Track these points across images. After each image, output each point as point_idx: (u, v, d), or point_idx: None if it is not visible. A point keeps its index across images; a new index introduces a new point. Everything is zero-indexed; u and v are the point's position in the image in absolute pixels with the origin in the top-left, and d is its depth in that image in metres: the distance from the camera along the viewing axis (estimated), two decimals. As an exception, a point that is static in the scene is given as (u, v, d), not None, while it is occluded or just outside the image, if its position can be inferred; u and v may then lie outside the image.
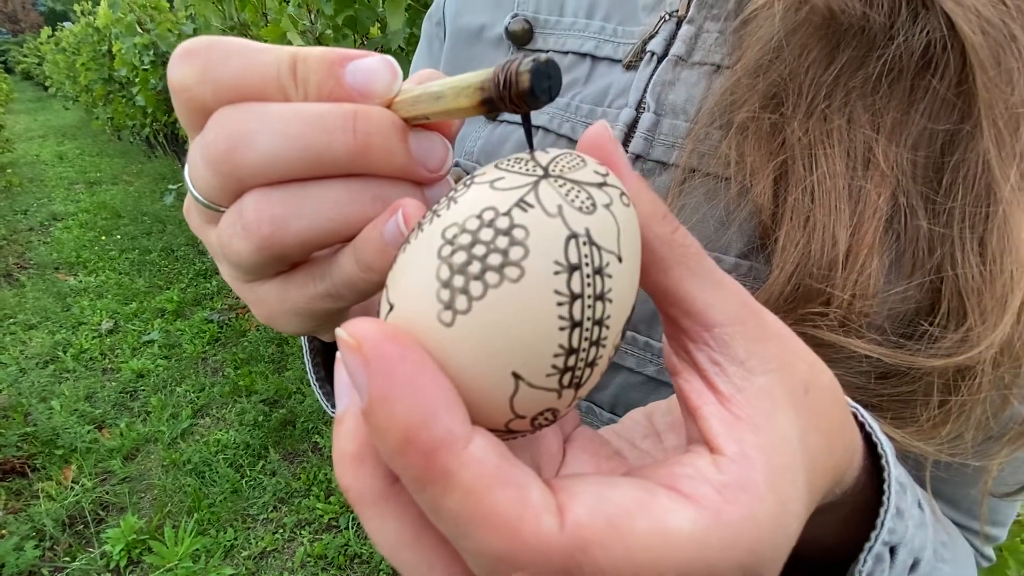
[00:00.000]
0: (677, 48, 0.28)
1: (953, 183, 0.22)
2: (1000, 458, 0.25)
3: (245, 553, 1.67)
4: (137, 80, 4.13)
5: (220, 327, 2.93)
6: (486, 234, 0.12)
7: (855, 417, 0.19)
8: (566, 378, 0.13)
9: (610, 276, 0.13)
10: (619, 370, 0.31)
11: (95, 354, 2.80)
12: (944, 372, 0.21)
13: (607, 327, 0.13)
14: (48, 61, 11.06)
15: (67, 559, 1.69)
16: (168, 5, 4.43)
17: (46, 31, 9.84)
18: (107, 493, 1.93)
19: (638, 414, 0.21)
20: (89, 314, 3.19)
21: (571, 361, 0.13)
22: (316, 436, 2.10)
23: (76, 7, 6.10)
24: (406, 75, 0.18)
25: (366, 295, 0.18)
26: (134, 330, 3.01)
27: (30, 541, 1.74)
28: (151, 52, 3.76)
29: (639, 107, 0.29)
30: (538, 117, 0.31)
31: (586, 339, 0.13)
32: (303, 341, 0.33)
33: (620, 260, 0.13)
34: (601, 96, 0.30)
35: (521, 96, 0.13)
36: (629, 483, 0.13)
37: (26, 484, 2.00)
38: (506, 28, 0.33)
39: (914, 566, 0.21)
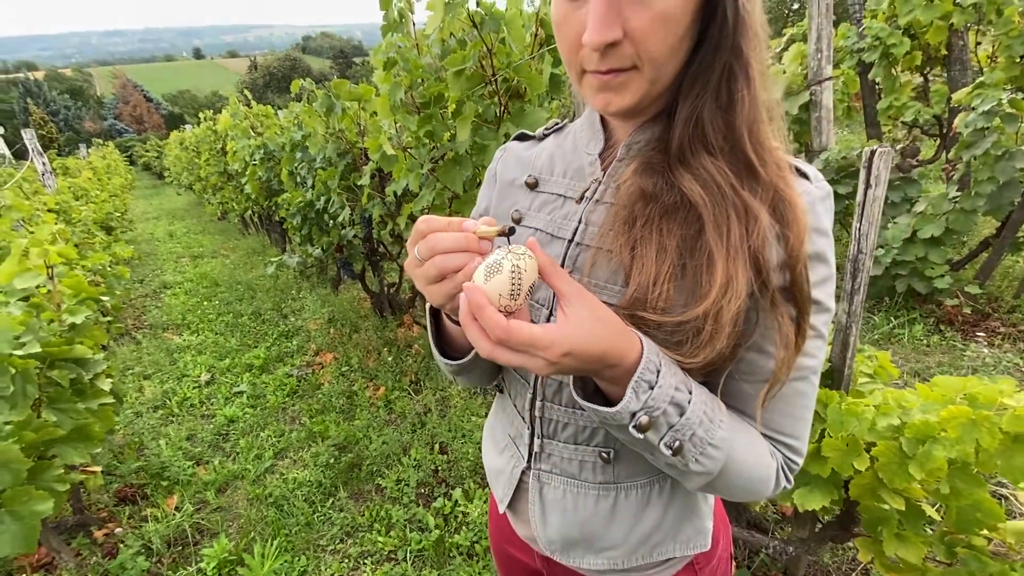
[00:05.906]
0: (597, 195, 0.58)
1: (700, 252, 0.48)
2: (764, 392, 0.51)
3: (315, 577, 1.88)
4: (247, 173, 4.87)
5: (299, 381, 3.29)
6: (493, 264, 0.42)
7: (640, 340, 0.45)
8: (512, 296, 0.42)
9: (522, 275, 0.42)
10: None
11: (195, 402, 3.21)
12: (691, 328, 0.47)
13: (521, 286, 0.42)
14: (169, 156, 12.91)
15: (169, 572, 1.96)
16: (274, 112, 5.32)
17: (175, 134, 11.58)
18: (203, 520, 2.22)
19: None
20: (191, 368, 3.67)
21: (512, 292, 0.42)
22: (379, 478, 2.33)
23: (200, 115, 7.23)
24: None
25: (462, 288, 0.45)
26: (227, 382, 3.42)
27: (141, 555, 2.04)
28: (261, 151, 4.50)
29: (580, 222, 0.58)
30: (536, 223, 0.63)
31: (515, 288, 0.42)
32: (428, 325, 0.65)
33: (526, 271, 0.42)
34: (566, 216, 0.60)
35: (508, 235, 0.45)
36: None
37: (137, 509, 2.34)
38: (525, 181, 0.65)
39: (682, 413, 0.46)
